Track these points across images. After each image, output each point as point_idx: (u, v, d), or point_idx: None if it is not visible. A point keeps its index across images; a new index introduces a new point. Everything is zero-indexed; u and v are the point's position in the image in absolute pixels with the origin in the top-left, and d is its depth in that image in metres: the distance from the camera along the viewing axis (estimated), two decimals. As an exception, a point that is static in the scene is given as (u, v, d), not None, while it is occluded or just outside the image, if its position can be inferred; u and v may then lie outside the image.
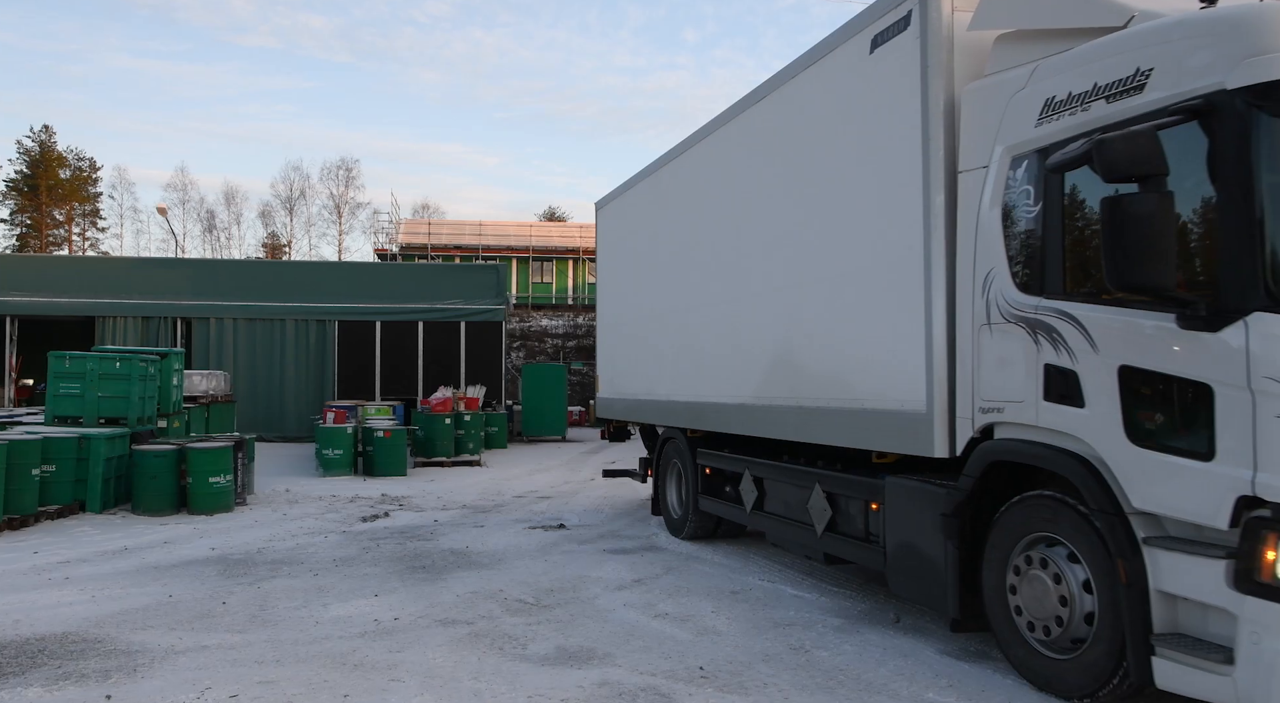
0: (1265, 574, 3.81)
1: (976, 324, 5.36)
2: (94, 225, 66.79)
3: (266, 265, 39.16)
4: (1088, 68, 4.79)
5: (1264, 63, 3.97)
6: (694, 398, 9.22)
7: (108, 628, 6.38)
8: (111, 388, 12.64)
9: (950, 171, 5.59)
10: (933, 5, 5.62)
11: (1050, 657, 4.92)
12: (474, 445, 18.74)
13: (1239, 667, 3.92)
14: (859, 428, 6.39)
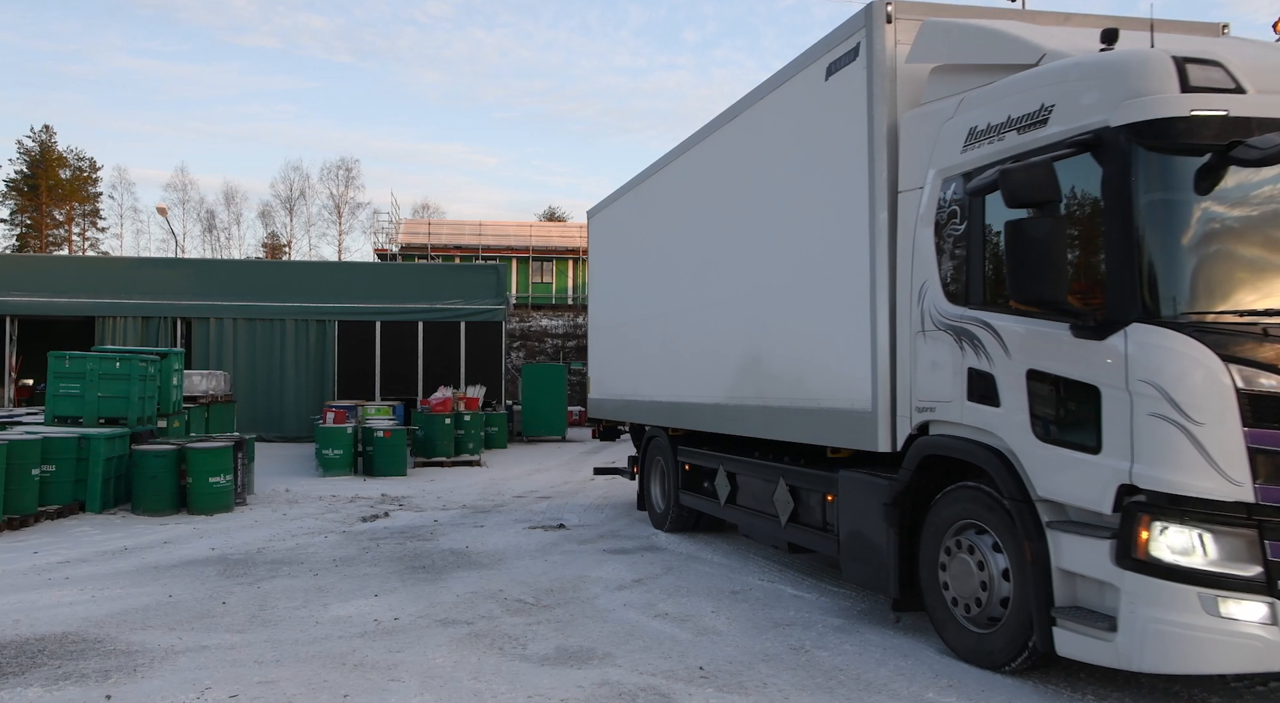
0: (1140, 552, 4.39)
1: (913, 331, 5.89)
2: (94, 225, 66.81)
3: (266, 265, 39.17)
4: (1003, 101, 5.31)
5: (1141, 104, 4.50)
6: (674, 398, 9.75)
7: (107, 628, 6.38)
8: (111, 388, 12.64)
9: (892, 191, 6.09)
10: (877, 38, 6.14)
11: (975, 631, 5.47)
12: (474, 445, 18.74)
13: (1120, 633, 4.45)
14: (816, 426, 6.93)
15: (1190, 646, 4.29)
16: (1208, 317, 4.43)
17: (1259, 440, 4.27)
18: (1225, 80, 4.50)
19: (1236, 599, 4.25)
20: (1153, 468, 4.39)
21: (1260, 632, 4.23)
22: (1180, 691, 5.12)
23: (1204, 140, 4.44)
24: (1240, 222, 4.59)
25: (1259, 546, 4.27)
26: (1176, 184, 4.52)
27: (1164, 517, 4.36)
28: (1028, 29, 5.67)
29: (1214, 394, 4.30)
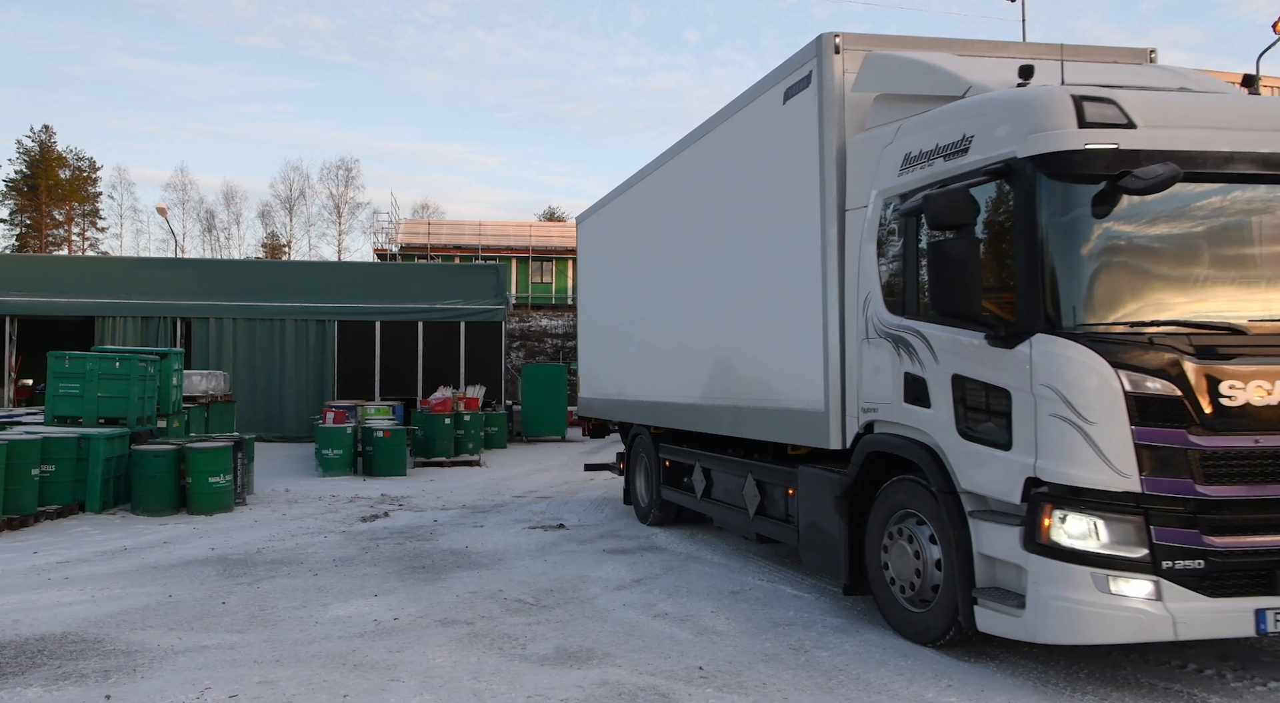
0: (1043, 537, 4.92)
1: (859, 339, 6.41)
2: (94, 225, 66.80)
3: (266, 265, 39.15)
4: (933, 130, 5.82)
5: (1043, 137, 5.02)
6: (655, 398, 10.25)
7: (107, 628, 6.38)
8: (111, 388, 12.63)
9: (841, 209, 6.60)
10: (827, 67, 6.63)
11: (912, 610, 5.98)
12: (473, 445, 18.73)
13: (1027, 610, 4.97)
14: (778, 425, 7.46)
15: (1085, 619, 4.80)
16: (1101, 327, 4.96)
17: (1144, 437, 4.79)
18: (1118, 116, 5.01)
19: (1125, 578, 4.78)
20: (1053, 463, 4.91)
21: (1145, 606, 4.75)
22: (1181, 690, 5.12)
23: (1097, 170, 4.93)
24: (1130, 243, 5.11)
25: (1145, 530, 4.79)
26: (1074, 209, 5.04)
27: (1063, 506, 4.88)
28: (957, 63, 6.16)
29: (1105, 397, 4.81)
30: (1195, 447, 4.79)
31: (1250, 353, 4.90)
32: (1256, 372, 4.85)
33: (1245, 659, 5.69)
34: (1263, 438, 4.84)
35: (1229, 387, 4.83)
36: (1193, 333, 4.91)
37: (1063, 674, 5.40)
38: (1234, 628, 4.85)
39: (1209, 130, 5.12)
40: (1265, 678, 5.34)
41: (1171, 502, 4.81)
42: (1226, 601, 4.80)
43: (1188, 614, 4.76)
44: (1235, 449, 4.83)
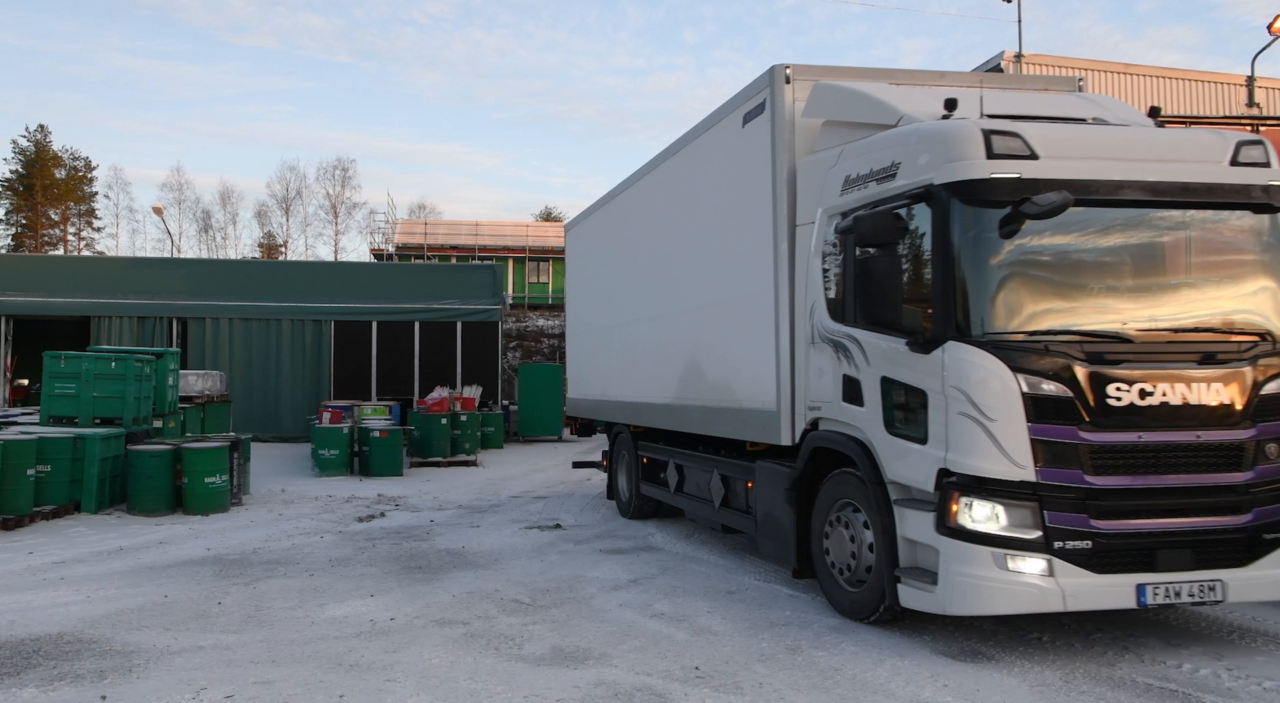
0: (952, 521, 5.51)
1: (806, 343, 6.95)
2: (89, 225, 66.68)
3: (262, 265, 39.07)
4: (868, 156, 6.36)
5: (957, 166, 5.61)
6: (634, 399, 10.85)
7: (103, 628, 6.36)
8: (107, 388, 12.59)
9: (791, 224, 7.15)
10: (779, 95, 7.21)
11: (849, 590, 6.55)
12: (470, 446, 18.69)
13: (939, 586, 5.58)
14: (738, 424, 8.03)
15: (987, 592, 5.41)
16: (1004, 336, 5.53)
17: (1039, 433, 5.40)
18: (1022, 148, 5.59)
19: (1022, 556, 5.39)
20: (961, 455, 5.50)
21: (1039, 581, 5.36)
22: (1176, 690, 5.13)
23: (1002, 197, 5.52)
24: (1032, 260, 5.70)
25: (1039, 515, 5.40)
26: (982, 231, 5.61)
27: (969, 494, 5.47)
28: (894, 94, 6.71)
29: (1005, 397, 5.41)
30: (1084, 441, 5.42)
31: (1135, 359, 5.53)
32: (1140, 375, 5.48)
33: (1240, 659, 5.71)
34: (1145, 434, 5.48)
35: (1115, 389, 5.45)
36: (1084, 341, 5.53)
37: (1059, 674, 5.41)
38: (1118, 601, 5.45)
39: (1103, 160, 5.73)
40: (1260, 677, 5.35)
41: (1063, 490, 5.42)
42: (1111, 577, 5.43)
43: (1076, 588, 5.38)
44: (1120, 444, 5.46)
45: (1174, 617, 6.70)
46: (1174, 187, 5.76)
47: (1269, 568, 5.60)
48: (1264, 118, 14.89)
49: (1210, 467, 5.57)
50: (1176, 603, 5.51)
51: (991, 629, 6.33)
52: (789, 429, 7.16)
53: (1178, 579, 5.48)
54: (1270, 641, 6.14)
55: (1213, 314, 5.89)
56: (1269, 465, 5.63)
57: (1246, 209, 5.91)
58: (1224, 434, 5.57)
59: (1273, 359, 5.71)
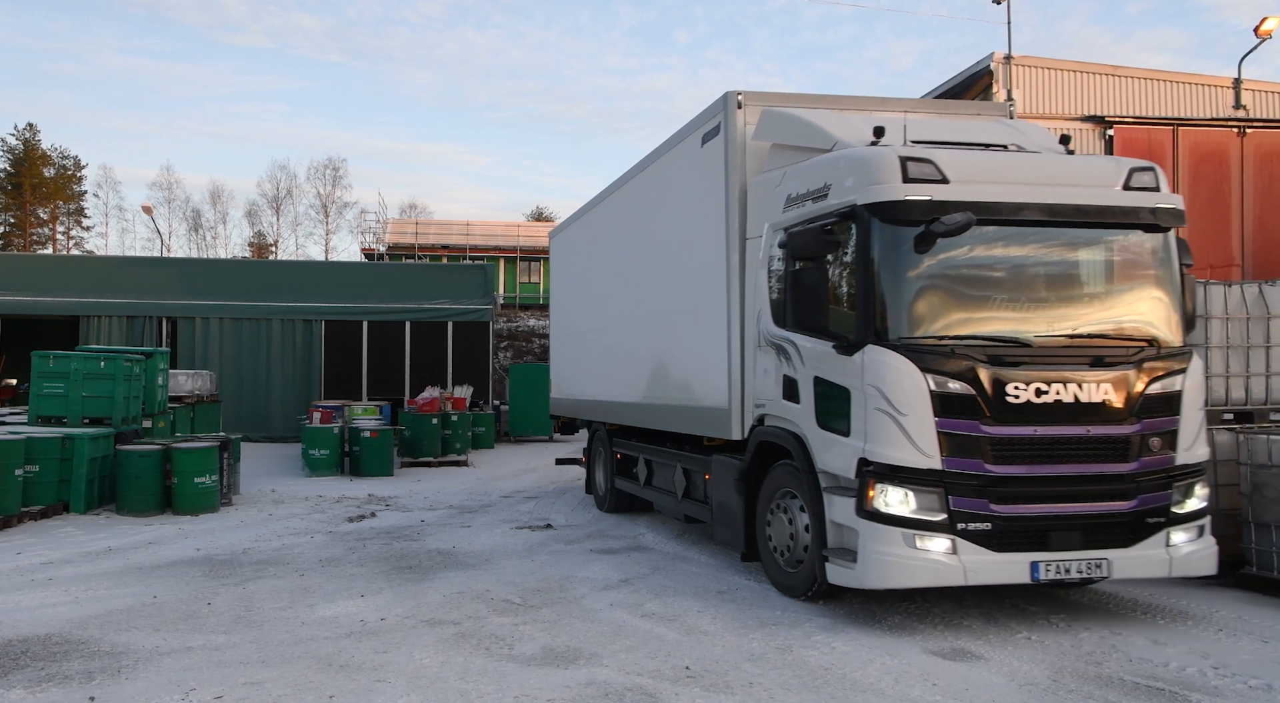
0: (869, 505, 6.13)
1: (754, 347, 7.55)
2: (79, 224, 66.36)
3: (253, 265, 38.93)
4: (806, 177, 6.97)
5: (876, 189, 6.24)
6: (609, 398, 11.45)
7: (91, 629, 6.34)
8: (96, 388, 12.53)
9: (742, 238, 7.75)
10: (732, 119, 7.84)
11: (788, 570, 7.17)
12: (461, 446, 18.66)
13: (857, 563, 6.19)
14: (697, 420, 8.66)
15: (898, 568, 6.04)
16: (916, 340, 6.16)
17: (944, 426, 6.03)
18: (934, 173, 6.21)
19: (929, 536, 6.02)
20: (876, 446, 6.11)
21: (943, 558, 6.01)
22: (1163, 688, 5.16)
23: (915, 217, 6.13)
24: (943, 273, 6.33)
25: (944, 499, 6.03)
26: (898, 247, 6.21)
27: (883, 480, 6.09)
28: (832, 120, 7.30)
29: (915, 395, 6.01)
30: (985, 434, 6.05)
31: (1032, 362, 6.16)
32: (1037, 376, 6.11)
33: (1226, 657, 5.75)
34: (1040, 428, 6.11)
35: (1014, 388, 6.08)
36: (987, 345, 6.17)
37: (1047, 673, 5.43)
38: (1013, 576, 6.10)
39: (1008, 184, 6.36)
40: (1246, 676, 5.39)
41: (966, 477, 6.05)
42: (1008, 555, 6.08)
43: (976, 565, 6.02)
44: (1017, 437, 6.10)
45: (1161, 616, 6.74)
46: (1070, 208, 6.40)
47: (1150, 548, 6.29)
48: (1250, 120, 14.96)
49: (1099, 458, 6.22)
50: (1065, 579, 6.17)
51: (980, 629, 6.36)
52: (739, 425, 7.75)
53: (1068, 558, 6.13)
54: (1255, 639, 6.18)
55: (1104, 322, 6.52)
56: (1152, 457, 6.29)
57: (1136, 228, 6.57)
58: (1112, 429, 6.22)
59: (1157, 363, 6.38)
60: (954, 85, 14.84)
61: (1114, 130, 14.41)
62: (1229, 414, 8.17)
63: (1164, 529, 6.32)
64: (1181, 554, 6.35)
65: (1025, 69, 14.27)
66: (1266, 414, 8.30)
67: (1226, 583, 7.71)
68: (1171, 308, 6.62)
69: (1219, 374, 8.19)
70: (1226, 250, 14.64)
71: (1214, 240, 14.64)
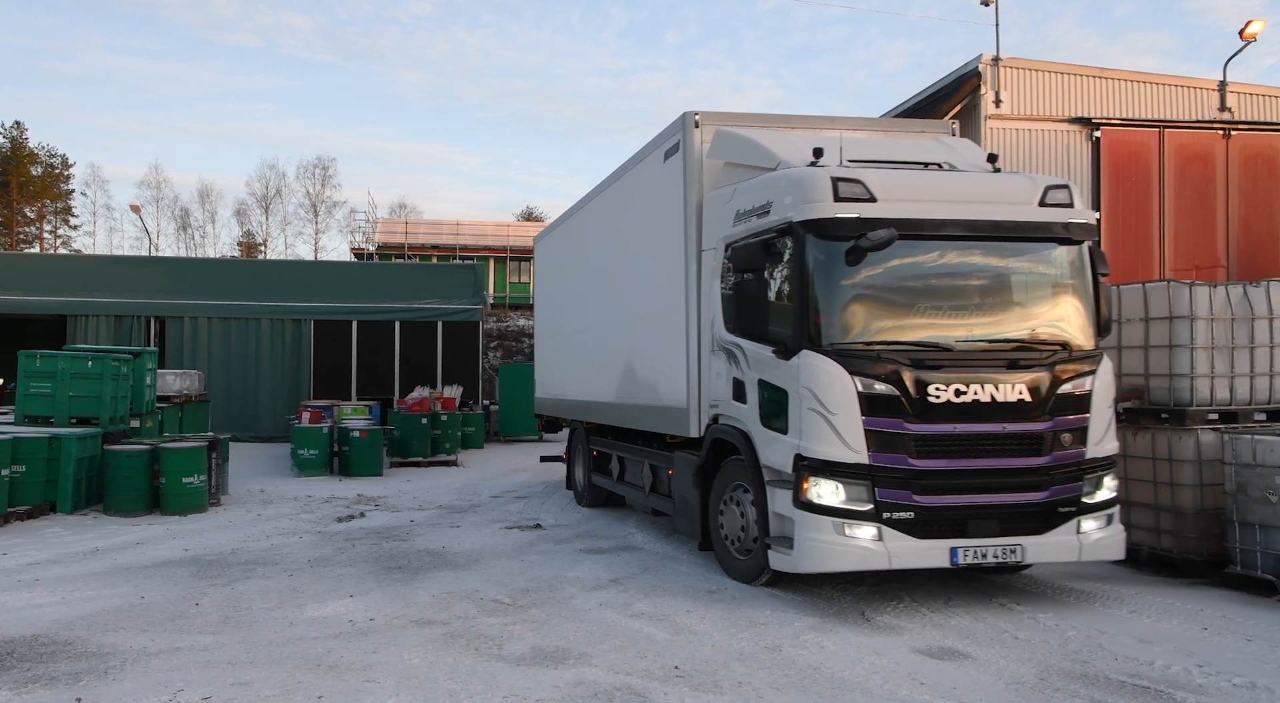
0: (803, 497, 6.70)
1: (708, 351, 8.10)
2: (66, 223, 65.95)
3: (241, 264, 38.78)
4: (753, 194, 7.47)
5: (810, 207, 6.80)
6: (587, 398, 11.95)
7: (78, 630, 6.31)
8: (83, 387, 12.47)
9: (699, 249, 8.30)
10: (689, 138, 8.39)
11: (739, 558, 7.71)
12: (450, 445, 18.62)
13: (794, 550, 6.75)
14: (660, 419, 9.14)
15: (828, 554, 6.61)
16: (845, 346, 6.70)
17: (871, 424, 6.58)
18: (863, 192, 6.76)
19: (856, 525, 6.57)
20: (810, 443, 6.66)
21: (869, 545, 6.57)
22: (1149, 687, 5.20)
23: (844, 233, 6.68)
24: (871, 284, 6.87)
25: (871, 490, 6.59)
26: (830, 260, 6.77)
27: (816, 474, 6.64)
28: (777, 141, 7.78)
29: (844, 395, 6.57)
30: (909, 431, 6.60)
31: (952, 365, 6.69)
32: (956, 378, 6.65)
33: (1211, 656, 5.79)
34: (959, 426, 6.65)
35: (935, 389, 6.61)
36: (911, 350, 6.72)
37: (1034, 672, 5.47)
38: (934, 561, 6.65)
39: (931, 202, 6.91)
40: (1230, 674, 5.43)
41: (891, 471, 6.60)
42: (929, 541, 6.62)
43: (899, 550, 6.57)
44: (938, 434, 6.64)
45: (1146, 615, 6.79)
46: (988, 224, 6.96)
47: (1062, 535, 6.82)
48: (1235, 122, 15.06)
49: (1014, 452, 6.76)
50: (982, 563, 6.69)
51: (968, 628, 6.39)
52: (697, 423, 8.31)
53: (985, 544, 6.68)
54: (1239, 638, 6.23)
55: (1020, 328, 7.07)
56: (1063, 452, 6.83)
57: (1050, 242, 7.12)
58: (1026, 426, 6.75)
59: (1068, 365, 6.91)
60: (942, 87, 14.90)
61: (1101, 132, 14.51)
62: (1214, 415, 8.22)
63: (1075, 518, 6.85)
64: (1091, 541, 6.89)
65: (1013, 71, 14.34)
66: (1251, 415, 8.36)
67: (1211, 582, 7.78)
68: (1084, 314, 7.14)
69: (1204, 375, 8.23)
70: (1212, 252, 14.75)
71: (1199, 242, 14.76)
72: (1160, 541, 8.33)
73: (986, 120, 14.17)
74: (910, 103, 15.76)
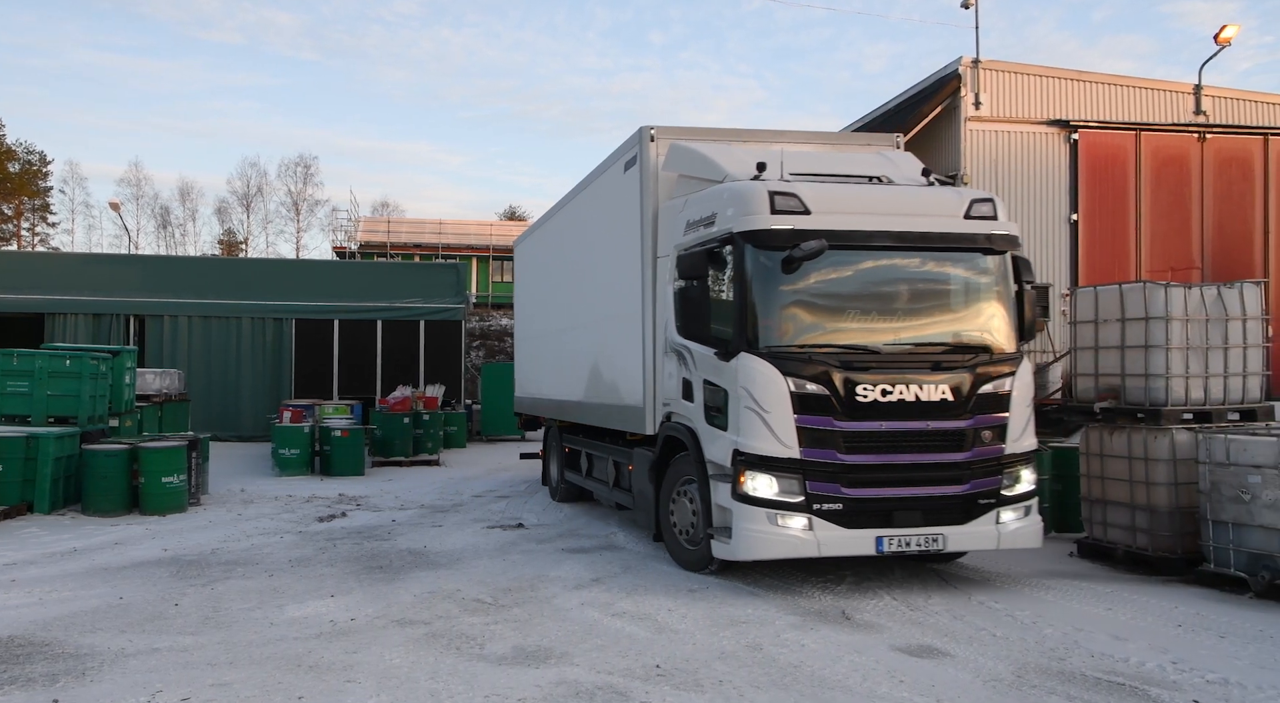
0: (740, 489, 7.17)
1: (662, 353, 8.54)
2: (44, 220, 65.19)
3: (222, 262, 38.53)
4: (701, 205, 7.93)
5: (749, 219, 7.29)
6: (559, 397, 12.39)
7: (55, 631, 6.27)
8: (61, 386, 12.36)
9: (654, 256, 8.74)
10: (645, 151, 8.86)
11: (689, 548, 8.15)
12: (433, 445, 18.57)
13: (732, 539, 7.24)
14: (623, 417, 9.53)
15: (762, 543, 7.09)
16: (780, 348, 7.16)
17: (803, 422, 7.06)
18: (798, 205, 7.24)
19: (789, 515, 7.06)
20: (746, 439, 7.14)
21: (800, 534, 7.06)
22: (1124, 683, 5.26)
23: (780, 243, 7.16)
24: (805, 291, 7.33)
25: (802, 483, 7.07)
26: (767, 269, 7.24)
27: (752, 468, 7.10)
28: (725, 155, 8.21)
29: (777, 395, 7.04)
30: (838, 429, 7.09)
31: (879, 367, 7.18)
32: (883, 379, 7.14)
33: (1184, 652, 5.87)
34: (886, 423, 7.13)
35: (862, 389, 7.10)
36: (841, 353, 7.18)
37: (1011, 669, 5.52)
38: (860, 549, 7.17)
39: (863, 214, 7.38)
40: (1204, 670, 5.51)
41: (821, 465, 7.07)
42: (856, 531, 7.10)
43: (828, 539, 7.07)
44: (865, 431, 7.12)
45: (1122, 612, 6.87)
46: (915, 235, 7.43)
47: (982, 525, 7.31)
48: (1210, 125, 15.23)
49: (937, 448, 7.23)
50: (905, 552, 7.19)
51: (947, 626, 6.45)
52: (652, 421, 8.73)
53: (908, 533, 7.15)
54: (1213, 635, 6.31)
55: (945, 333, 7.57)
56: (983, 448, 7.31)
57: (975, 252, 7.58)
58: (948, 423, 7.23)
59: (989, 367, 7.39)
60: (923, 89, 15.00)
61: (1079, 134, 14.65)
62: (1188, 414, 8.33)
63: (994, 509, 7.34)
64: (1009, 530, 7.39)
65: (993, 73, 14.45)
66: (1224, 414, 8.47)
67: (1186, 579, 7.88)
68: (1006, 320, 7.63)
69: (1179, 375, 8.33)
70: (1186, 253, 14.92)
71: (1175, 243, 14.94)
72: (1136, 539, 8.42)
73: (966, 122, 14.28)
74: (891, 105, 15.85)
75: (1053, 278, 14.42)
